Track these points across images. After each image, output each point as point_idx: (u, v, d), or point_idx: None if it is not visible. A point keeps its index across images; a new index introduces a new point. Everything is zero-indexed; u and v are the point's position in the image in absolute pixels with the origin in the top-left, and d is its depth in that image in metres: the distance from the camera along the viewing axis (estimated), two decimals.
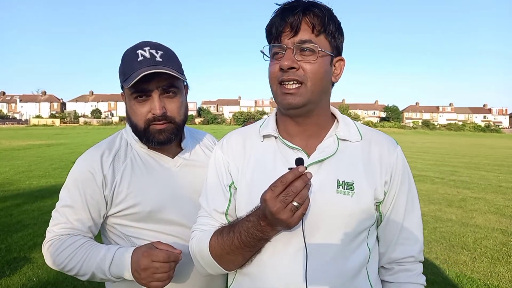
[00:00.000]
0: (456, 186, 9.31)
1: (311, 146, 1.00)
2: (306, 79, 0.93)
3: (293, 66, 0.92)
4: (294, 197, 0.79)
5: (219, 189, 1.05)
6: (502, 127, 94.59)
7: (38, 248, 4.50)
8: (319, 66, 0.93)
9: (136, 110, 1.15)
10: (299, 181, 0.79)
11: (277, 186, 0.80)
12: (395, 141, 1.08)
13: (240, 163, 1.04)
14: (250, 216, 0.90)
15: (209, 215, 1.04)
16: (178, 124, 1.19)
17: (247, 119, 78.63)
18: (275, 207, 0.80)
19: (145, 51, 1.13)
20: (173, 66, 1.15)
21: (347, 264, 0.94)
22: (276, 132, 1.03)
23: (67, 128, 62.05)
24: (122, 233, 1.21)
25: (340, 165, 0.97)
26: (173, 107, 1.16)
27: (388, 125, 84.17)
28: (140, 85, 1.11)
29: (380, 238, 1.07)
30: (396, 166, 1.02)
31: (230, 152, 1.07)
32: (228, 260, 0.96)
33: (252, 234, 0.88)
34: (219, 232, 0.97)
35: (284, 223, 0.82)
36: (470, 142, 38.91)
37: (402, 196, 1.03)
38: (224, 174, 1.05)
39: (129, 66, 1.13)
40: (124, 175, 1.19)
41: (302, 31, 0.92)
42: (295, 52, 0.92)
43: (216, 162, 1.08)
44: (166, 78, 1.12)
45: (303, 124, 1.00)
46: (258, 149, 1.04)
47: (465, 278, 3.88)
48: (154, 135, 1.16)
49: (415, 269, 1.06)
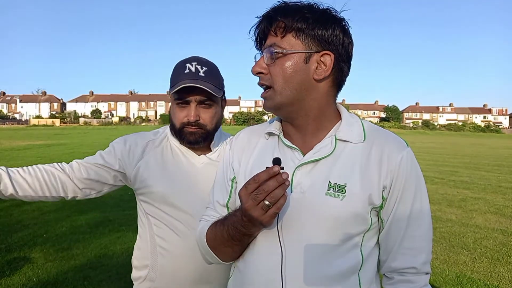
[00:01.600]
0: (456, 186, 9.31)
1: (309, 146, 0.98)
2: (273, 82, 0.95)
3: (259, 71, 0.97)
4: (266, 196, 0.80)
5: (223, 182, 1.09)
6: (502, 127, 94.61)
7: (38, 248, 4.51)
8: (286, 67, 0.93)
9: (176, 113, 1.36)
10: (272, 181, 0.80)
11: (250, 183, 0.82)
12: (404, 143, 0.99)
13: (243, 158, 1.07)
14: (236, 211, 0.92)
15: (213, 206, 1.10)
16: (208, 131, 1.36)
17: (247, 119, 78.68)
18: (246, 203, 0.83)
19: (192, 65, 1.32)
20: (213, 82, 1.32)
21: (332, 268, 0.92)
22: (278, 131, 1.04)
23: (67, 128, 62.10)
24: (144, 210, 1.41)
25: (335, 166, 0.94)
26: (206, 117, 1.35)
27: (388, 125, 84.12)
28: (182, 94, 1.31)
29: (381, 246, 1.02)
30: (400, 170, 0.94)
31: (236, 147, 1.11)
32: (221, 251, 1.00)
33: (237, 228, 0.91)
34: (214, 224, 1.02)
35: (256, 220, 0.84)
36: (470, 142, 38.94)
37: (406, 202, 0.96)
38: (228, 169, 1.09)
39: (176, 76, 1.32)
40: (152, 158, 1.39)
41: (269, 37, 0.96)
42: (266, 57, 0.95)
43: (224, 158, 1.13)
44: (203, 91, 1.30)
45: (294, 124, 1.01)
46: (261, 146, 1.06)
47: (465, 278, 3.88)
48: (186, 136, 1.35)
49: (417, 281, 0.99)
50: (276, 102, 0.96)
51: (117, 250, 4.40)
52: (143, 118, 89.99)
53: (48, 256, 4.26)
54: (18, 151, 17.87)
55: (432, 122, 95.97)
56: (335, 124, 1.01)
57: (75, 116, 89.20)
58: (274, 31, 0.94)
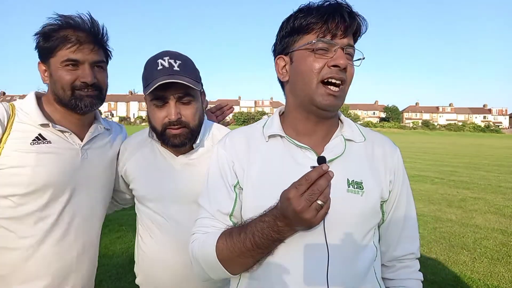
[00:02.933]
0: (456, 186, 9.30)
1: (319, 146, 1.00)
2: (346, 81, 0.95)
3: (346, 67, 0.93)
4: (319, 195, 0.77)
5: (223, 189, 1.02)
6: (502, 127, 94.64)
7: None
8: (354, 70, 0.97)
9: (154, 115, 1.26)
10: (323, 180, 0.78)
11: (302, 184, 0.78)
12: (393, 142, 1.10)
13: (245, 163, 1.01)
14: (265, 216, 0.87)
15: (212, 216, 1.01)
16: (192, 128, 1.27)
17: (247, 120, 78.62)
18: (299, 206, 0.78)
19: (165, 60, 1.22)
20: (190, 75, 1.23)
21: (360, 262, 0.95)
22: (282, 132, 1.02)
23: None
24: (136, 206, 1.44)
25: (349, 164, 0.98)
26: (188, 113, 1.25)
27: (388, 126, 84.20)
28: (158, 93, 1.21)
29: (381, 237, 1.07)
30: (398, 166, 1.05)
31: (234, 151, 1.04)
32: (236, 263, 0.92)
33: (267, 235, 0.86)
34: (227, 234, 0.93)
35: (307, 223, 0.80)
36: (470, 142, 38.93)
37: (403, 195, 1.06)
38: (228, 174, 1.02)
39: (149, 74, 1.23)
40: (135, 159, 1.40)
41: (351, 35, 0.95)
42: (348, 55, 0.95)
43: (219, 161, 1.05)
44: (181, 87, 1.21)
45: (320, 124, 1.01)
46: (264, 149, 1.02)
47: (465, 278, 3.88)
48: (170, 138, 1.26)
49: (414, 266, 1.09)
50: (343, 102, 0.98)
51: (117, 250, 4.40)
52: (143, 118, 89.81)
53: None
54: None
55: (432, 122, 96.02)
56: (337, 126, 1.06)
57: None
58: (355, 31, 0.95)
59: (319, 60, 0.93)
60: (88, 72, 1.26)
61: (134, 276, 1.49)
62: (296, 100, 1.00)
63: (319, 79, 0.93)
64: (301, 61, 0.95)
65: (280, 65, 1.03)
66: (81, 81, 1.26)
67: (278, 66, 1.04)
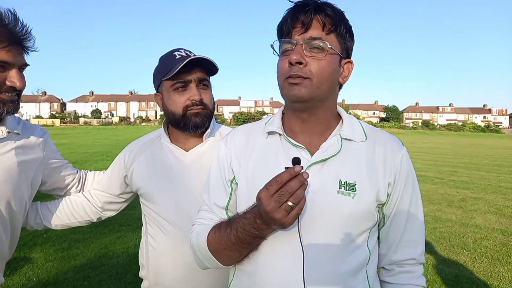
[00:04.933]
0: (456, 186, 9.31)
1: (315, 145, 0.99)
2: (312, 75, 0.92)
3: (300, 61, 0.91)
4: (289, 197, 0.79)
5: (221, 184, 1.06)
6: (502, 127, 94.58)
7: (38, 248, 4.51)
8: (327, 63, 0.93)
9: (175, 99, 1.32)
10: (295, 181, 0.79)
11: (272, 185, 0.80)
12: (401, 142, 1.06)
13: (242, 159, 1.04)
14: (247, 213, 0.90)
15: (209, 209, 1.06)
16: (211, 110, 1.36)
17: (247, 120, 78.64)
18: (269, 206, 0.80)
19: (181, 51, 1.32)
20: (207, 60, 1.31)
21: (345, 264, 0.94)
22: (280, 129, 1.02)
23: (67, 128, 62.00)
24: (142, 210, 1.44)
25: (343, 165, 0.96)
26: (206, 97, 1.35)
27: (388, 126, 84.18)
28: (180, 75, 1.28)
29: (381, 240, 1.06)
30: (401, 168, 1.00)
31: (233, 147, 1.07)
32: (224, 255, 0.96)
33: (248, 231, 0.89)
34: (217, 227, 0.97)
35: (278, 223, 0.82)
36: (470, 142, 38.93)
37: (406, 198, 1.02)
38: (226, 169, 1.06)
39: (168, 64, 1.31)
40: (142, 160, 1.42)
41: (312, 28, 0.93)
42: (305, 48, 0.92)
43: (220, 157, 1.09)
44: (201, 71, 1.31)
45: (308, 121, 1.00)
46: (262, 145, 1.03)
47: (465, 278, 3.88)
48: (191, 119, 1.32)
49: (415, 271, 1.05)
50: (311, 92, 0.94)
51: (117, 250, 4.38)
52: (143, 118, 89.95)
53: (48, 256, 4.27)
54: None
55: (432, 122, 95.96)
56: (337, 124, 1.04)
57: (75, 116, 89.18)
58: (322, 23, 0.93)
59: (283, 61, 0.95)
60: (19, 77, 1.16)
61: (134, 276, 1.50)
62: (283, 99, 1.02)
63: (284, 78, 0.95)
64: (278, 63, 0.99)
65: None
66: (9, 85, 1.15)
67: None
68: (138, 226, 1.31)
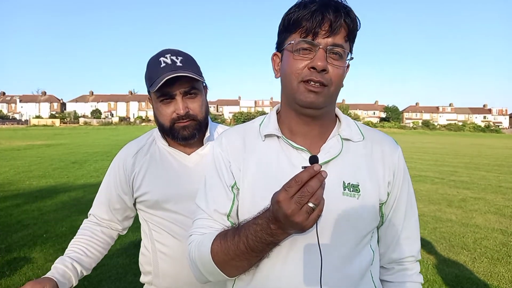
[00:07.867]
0: (456, 186, 9.31)
1: (315, 147, 0.97)
2: (331, 82, 0.90)
3: (325, 69, 0.88)
4: (310, 197, 0.72)
5: (221, 189, 0.99)
6: (502, 127, 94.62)
7: (38, 248, 4.51)
8: (343, 71, 0.92)
9: (162, 111, 1.29)
10: (315, 181, 0.72)
11: (292, 186, 0.73)
12: (395, 141, 1.06)
13: (241, 163, 0.99)
14: (258, 219, 0.83)
15: (209, 216, 0.98)
16: (200, 121, 1.31)
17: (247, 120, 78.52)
18: (290, 209, 0.73)
19: (167, 58, 1.26)
20: (193, 70, 1.27)
21: (355, 266, 0.93)
22: (278, 132, 0.99)
23: (67, 128, 62.06)
24: (142, 217, 1.41)
25: (345, 166, 0.95)
26: (195, 107, 1.29)
27: (388, 126, 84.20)
28: (164, 89, 1.24)
29: (380, 239, 1.06)
30: (398, 166, 1.00)
31: (230, 151, 1.01)
32: (232, 266, 0.89)
33: (261, 238, 0.82)
34: (222, 236, 0.89)
35: (299, 226, 0.75)
36: (470, 142, 38.93)
37: (403, 196, 1.02)
38: (225, 174, 1.00)
39: (153, 73, 1.26)
40: (143, 167, 1.36)
41: (338, 34, 0.89)
42: (331, 55, 0.89)
43: (216, 161, 1.02)
44: (187, 81, 1.25)
45: (311, 124, 0.97)
46: (260, 149, 0.99)
47: (465, 278, 3.88)
48: (179, 132, 1.29)
49: (413, 268, 1.06)
50: (327, 102, 0.92)
51: (117, 250, 4.37)
52: (143, 118, 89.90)
53: (48, 256, 4.27)
54: (18, 151, 17.84)
55: (432, 122, 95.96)
56: (335, 124, 1.03)
57: (75, 116, 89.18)
58: (347, 30, 0.90)
59: (299, 61, 0.90)
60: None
61: (134, 276, 1.49)
62: (286, 99, 0.98)
63: (299, 80, 0.91)
64: (286, 61, 0.94)
65: (276, 61, 1.01)
66: None
67: (274, 63, 1.01)
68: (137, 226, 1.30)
